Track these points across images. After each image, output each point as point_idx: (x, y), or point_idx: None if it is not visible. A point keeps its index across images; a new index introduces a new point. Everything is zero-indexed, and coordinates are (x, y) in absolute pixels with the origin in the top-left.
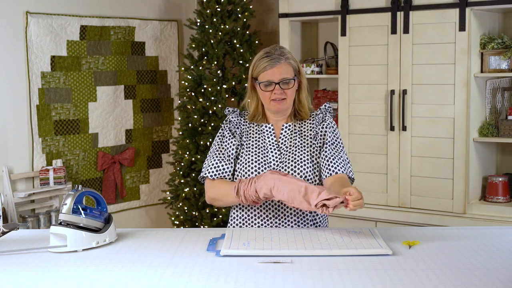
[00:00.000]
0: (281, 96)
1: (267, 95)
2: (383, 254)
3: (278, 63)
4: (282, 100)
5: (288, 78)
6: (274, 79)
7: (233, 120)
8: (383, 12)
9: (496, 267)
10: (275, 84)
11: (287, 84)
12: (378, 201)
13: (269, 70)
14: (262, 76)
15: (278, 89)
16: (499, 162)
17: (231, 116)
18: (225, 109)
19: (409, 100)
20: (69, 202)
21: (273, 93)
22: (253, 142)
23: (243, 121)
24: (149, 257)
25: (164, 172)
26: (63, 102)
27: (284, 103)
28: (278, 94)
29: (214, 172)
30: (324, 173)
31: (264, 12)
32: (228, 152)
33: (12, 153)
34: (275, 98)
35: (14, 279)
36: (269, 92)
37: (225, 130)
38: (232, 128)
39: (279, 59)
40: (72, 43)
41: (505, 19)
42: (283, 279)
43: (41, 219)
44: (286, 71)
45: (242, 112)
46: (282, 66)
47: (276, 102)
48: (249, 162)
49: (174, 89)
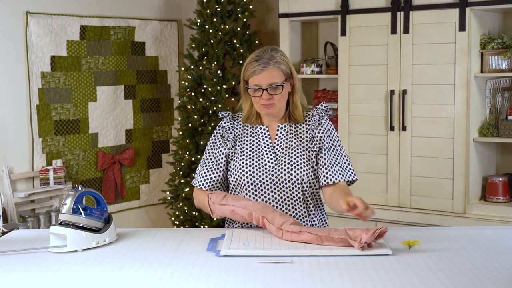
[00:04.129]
0: (269, 101)
1: (256, 99)
2: (383, 254)
3: (266, 68)
4: (271, 105)
5: (276, 83)
6: (262, 84)
7: (226, 125)
8: (383, 12)
9: (496, 267)
10: (262, 90)
11: (275, 90)
12: (378, 201)
13: (257, 75)
14: (251, 80)
15: (266, 95)
16: (499, 162)
17: (223, 121)
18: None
19: (409, 100)
20: (69, 202)
21: (261, 99)
22: (247, 145)
23: (236, 124)
24: (149, 257)
25: (164, 172)
26: (63, 102)
27: (273, 108)
28: (266, 99)
29: (202, 182)
30: (321, 181)
31: (264, 12)
32: (217, 161)
33: (12, 153)
34: (264, 104)
35: (14, 279)
36: (258, 97)
37: (216, 137)
38: (225, 133)
39: (267, 64)
40: (72, 43)
41: (505, 19)
42: (283, 279)
43: (41, 219)
44: (275, 76)
45: (234, 115)
46: (271, 71)
47: (265, 106)
48: (243, 166)
49: (174, 89)
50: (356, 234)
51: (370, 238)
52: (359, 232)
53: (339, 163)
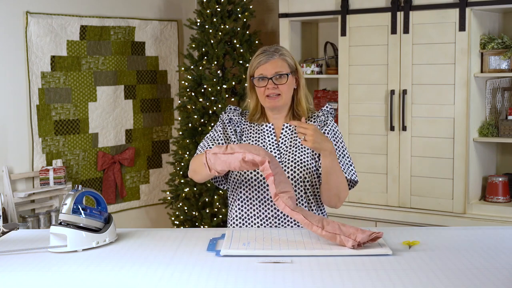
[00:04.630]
0: (275, 91)
1: (261, 90)
2: (383, 254)
3: (271, 58)
4: (277, 96)
5: (281, 72)
6: (267, 73)
7: (234, 118)
8: (383, 12)
9: (496, 267)
10: (268, 79)
11: (280, 79)
12: (378, 201)
13: (262, 65)
14: (256, 71)
15: (271, 84)
16: (499, 162)
17: (233, 114)
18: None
19: (409, 100)
20: (69, 202)
21: (266, 89)
22: (252, 142)
23: (243, 121)
24: (149, 257)
25: (164, 172)
26: (63, 102)
27: (279, 100)
28: (272, 89)
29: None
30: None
31: (264, 12)
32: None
33: (12, 153)
34: (269, 94)
35: (14, 279)
36: (263, 88)
37: (218, 126)
38: (232, 126)
39: (272, 55)
40: (72, 43)
41: (505, 19)
42: (283, 279)
43: (41, 219)
44: (280, 65)
45: (243, 111)
46: (276, 61)
47: (270, 98)
48: None
49: (174, 89)
50: (350, 232)
51: (365, 238)
52: (353, 230)
53: (342, 162)
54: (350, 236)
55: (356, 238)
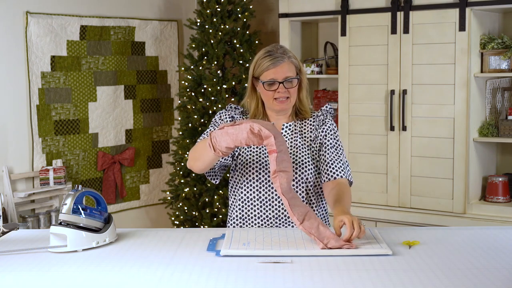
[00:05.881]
0: (285, 95)
1: (270, 94)
2: (383, 254)
3: (281, 62)
4: (286, 100)
5: (291, 77)
6: (278, 78)
7: (236, 117)
8: (383, 12)
9: (496, 267)
10: (279, 83)
11: (290, 83)
12: (378, 201)
13: (272, 69)
14: (265, 75)
15: (282, 88)
16: (499, 162)
17: (234, 112)
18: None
19: (409, 100)
20: (69, 202)
21: (276, 92)
22: None
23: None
24: (149, 257)
25: (164, 172)
26: (63, 102)
27: (288, 103)
28: (282, 93)
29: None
30: (324, 177)
31: (264, 12)
32: None
33: (12, 153)
34: (278, 97)
35: (14, 279)
36: (272, 92)
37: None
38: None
39: (282, 58)
40: (72, 43)
41: (505, 19)
42: (283, 279)
43: (41, 219)
44: (289, 70)
45: (244, 110)
46: (285, 65)
47: (279, 101)
48: (249, 162)
49: (174, 89)
50: (325, 235)
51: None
52: (328, 234)
53: (341, 161)
54: (323, 240)
55: (327, 244)
